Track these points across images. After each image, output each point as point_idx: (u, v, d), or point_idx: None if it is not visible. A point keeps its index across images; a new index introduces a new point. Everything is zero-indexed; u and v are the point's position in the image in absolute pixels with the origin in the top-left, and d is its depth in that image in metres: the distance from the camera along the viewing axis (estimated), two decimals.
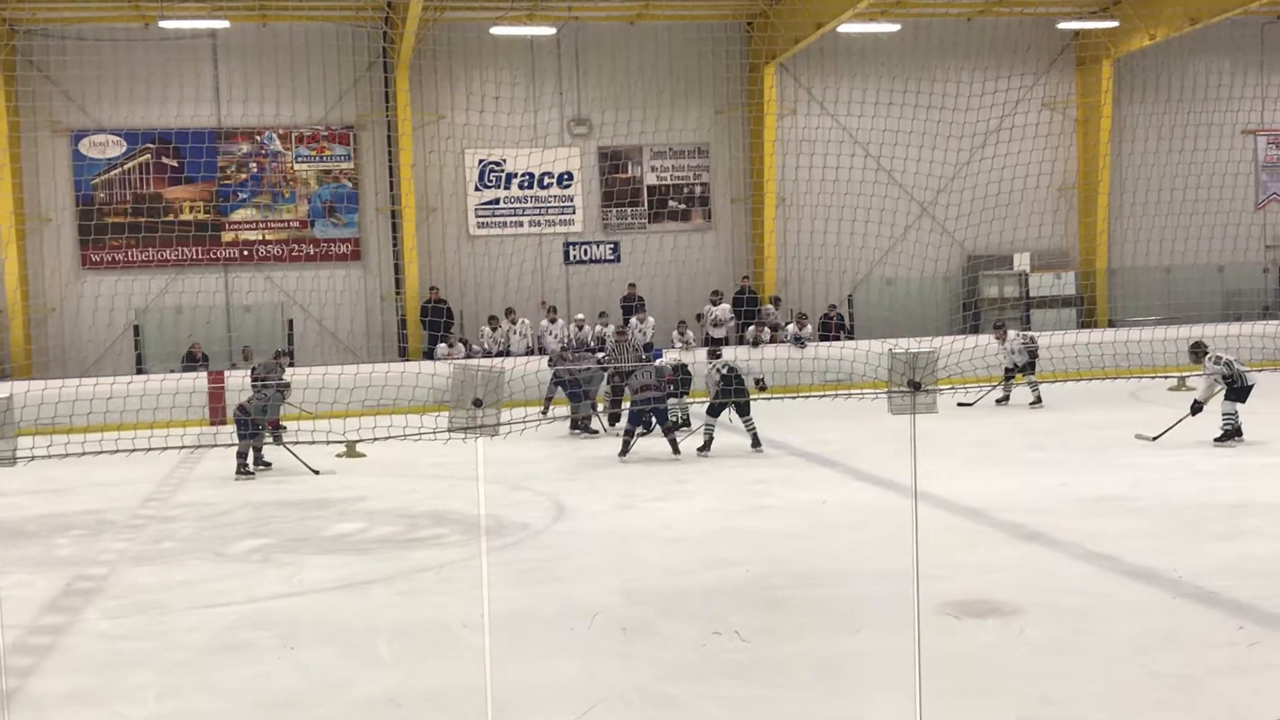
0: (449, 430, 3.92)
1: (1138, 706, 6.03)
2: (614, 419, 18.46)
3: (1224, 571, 8.39)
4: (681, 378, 17.23)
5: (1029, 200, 24.00)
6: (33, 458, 11.66)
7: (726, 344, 23.27)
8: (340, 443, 13.65)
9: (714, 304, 24.12)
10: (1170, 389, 20.22)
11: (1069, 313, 25.98)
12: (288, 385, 16.15)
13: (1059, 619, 7.63)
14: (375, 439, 11.15)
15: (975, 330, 22.92)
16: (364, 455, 15.52)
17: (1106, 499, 11.31)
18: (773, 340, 23.28)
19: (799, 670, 6.82)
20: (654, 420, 16.08)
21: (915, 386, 3.71)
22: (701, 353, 21.82)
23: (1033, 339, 19.32)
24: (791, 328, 23.68)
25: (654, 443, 16.01)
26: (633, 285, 24.63)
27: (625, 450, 15.36)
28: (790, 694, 6.42)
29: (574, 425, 18.28)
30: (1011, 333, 19.75)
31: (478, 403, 3.74)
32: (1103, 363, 19.29)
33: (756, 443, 15.29)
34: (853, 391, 10.48)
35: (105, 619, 8.66)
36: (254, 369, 18.50)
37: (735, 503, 12.07)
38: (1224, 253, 25.69)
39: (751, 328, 23.69)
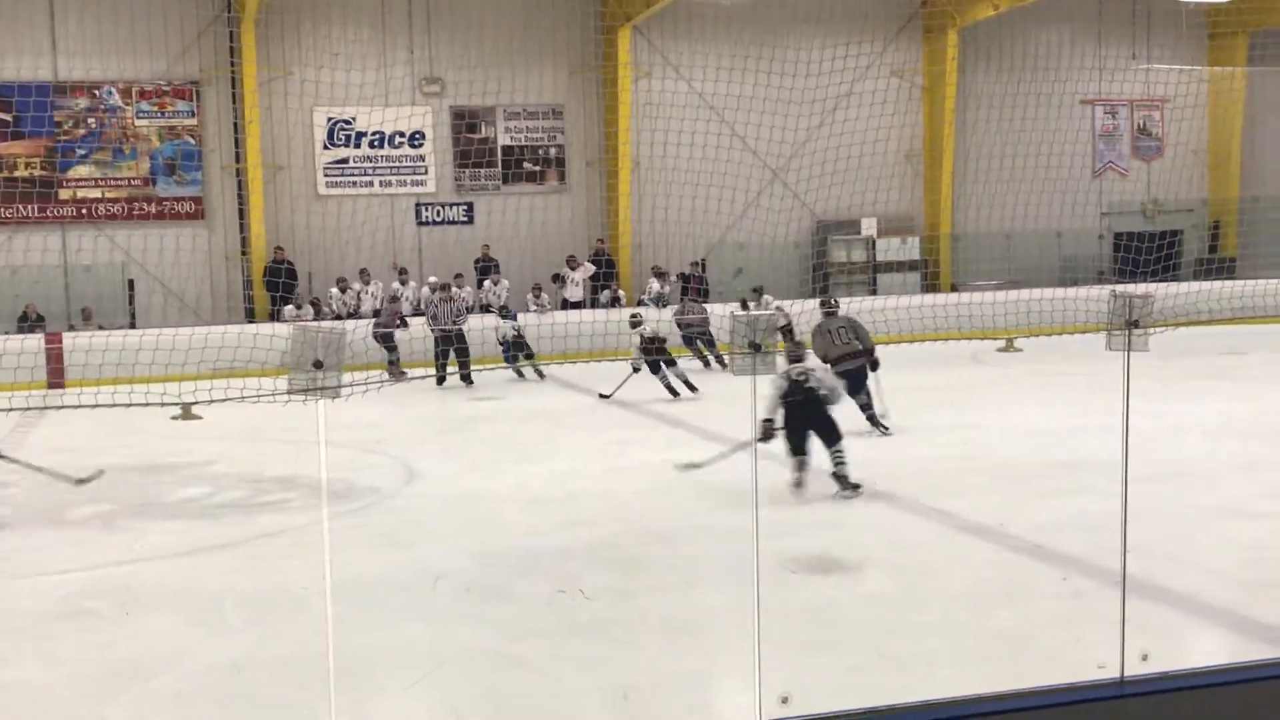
0: (289, 392, 3.90)
1: (971, 659, 6.30)
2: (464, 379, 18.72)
3: (1055, 527, 8.75)
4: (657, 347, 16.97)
5: (876, 166, 24.53)
6: None
7: (582, 306, 23.36)
8: (175, 404, 13.36)
9: (571, 268, 24.16)
10: (999, 349, 20.94)
11: (914, 276, 26.66)
12: None
13: (897, 574, 7.91)
14: (214, 400, 10.93)
15: (824, 293, 23.37)
16: (200, 418, 15.19)
17: (944, 458, 11.69)
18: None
19: (648, 628, 6.95)
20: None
21: (756, 348, 3.82)
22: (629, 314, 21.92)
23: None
24: (654, 284, 23.82)
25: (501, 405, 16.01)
26: (486, 246, 24.51)
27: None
28: (640, 652, 6.54)
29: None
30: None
31: (318, 364, 3.72)
32: (944, 325, 19.96)
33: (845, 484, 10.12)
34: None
35: None
36: None
37: (590, 464, 12.16)
38: (1062, 219, 26.59)
39: (606, 291, 23.81)
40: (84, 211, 23.26)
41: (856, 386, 12.43)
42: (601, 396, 15.78)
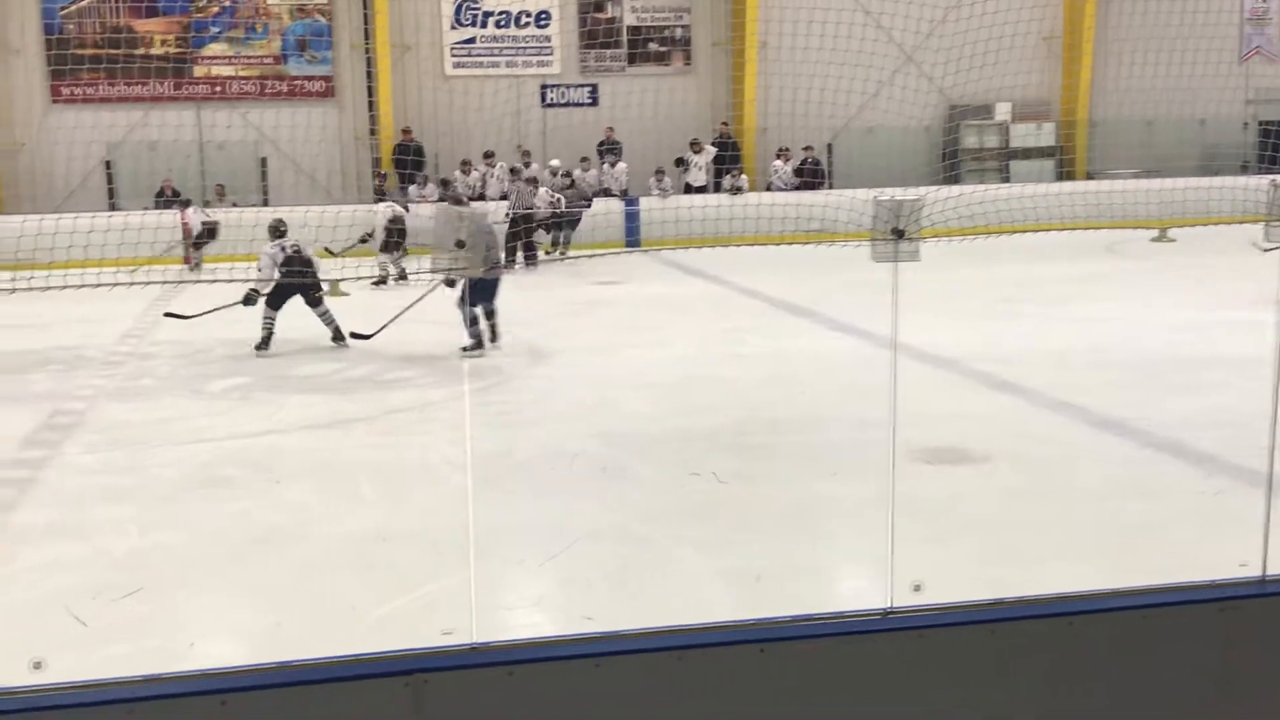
0: (432, 272, 3.91)
1: (1099, 551, 6.20)
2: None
3: (1191, 424, 8.53)
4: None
5: (1013, 49, 23.65)
6: (14, 290, 11.64)
7: (705, 191, 23.17)
8: (326, 281, 13.57)
9: (694, 152, 23.90)
10: (1152, 240, 20.29)
11: (1048, 164, 25.87)
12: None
13: (1026, 467, 7.79)
14: (361, 279, 11.09)
15: (956, 182, 22.83)
16: (347, 294, 15.37)
17: (1076, 351, 11.43)
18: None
19: (770, 514, 6.95)
20: None
21: (899, 234, 3.72)
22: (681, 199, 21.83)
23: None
24: (778, 166, 23.59)
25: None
26: (610, 129, 24.33)
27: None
28: (763, 537, 6.55)
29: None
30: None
31: (460, 245, 3.72)
32: (1079, 214, 19.39)
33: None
34: (834, 241, 10.47)
35: (85, 454, 8.74)
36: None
37: (709, 350, 12.14)
38: (1205, 106, 25.50)
39: (728, 176, 23.54)
40: (217, 89, 23.61)
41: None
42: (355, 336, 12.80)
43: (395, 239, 17.21)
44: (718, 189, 23.51)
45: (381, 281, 16.60)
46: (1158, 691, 3.16)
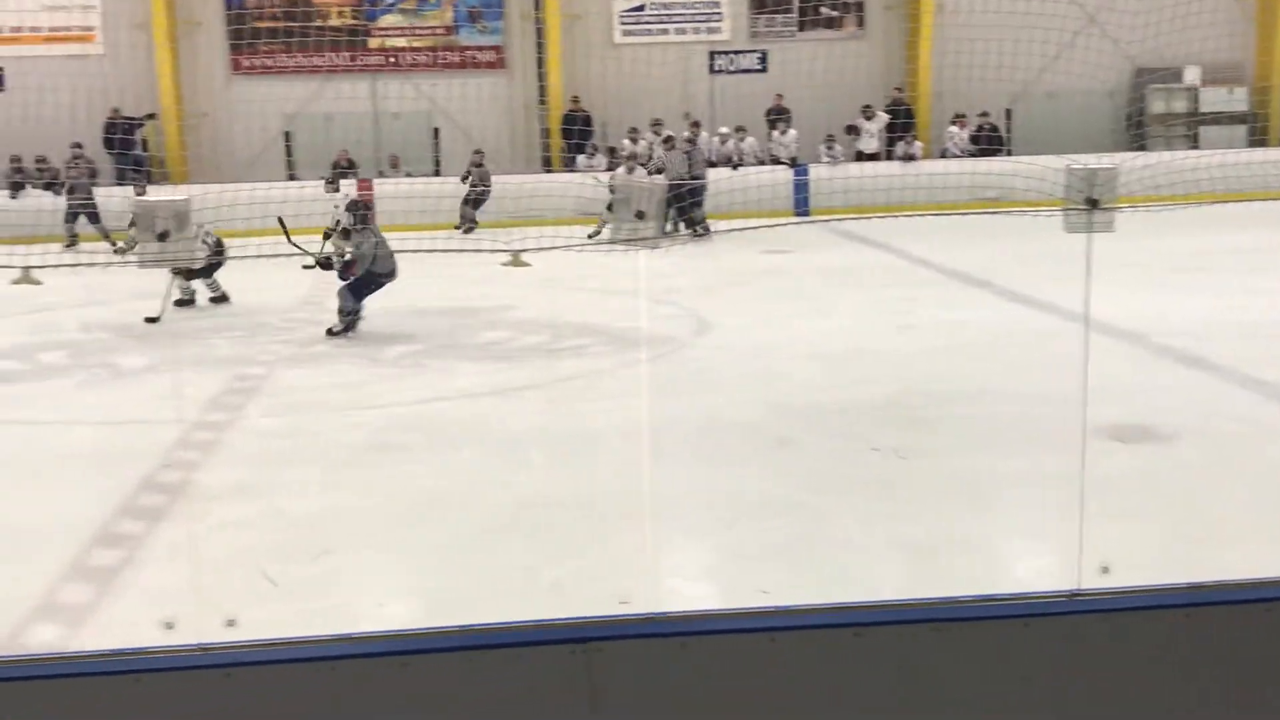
0: (610, 241, 3.93)
1: None
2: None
3: None
4: None
5: (1204, 10, 22.65)
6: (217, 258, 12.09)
7: (877, 158, 22.82)
8: (505, 251, 13.79)
9: (866, 118, 23.53)
10: None
11: (1240, 130, 24.74)
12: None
13: (1216, 445, 7.50)
14: (540, 249, 11.24)
15: (1142, 149, 22.02)
16: (529, 265, 15.51)
17: (1268, 324, 10.94)
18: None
19: (941, 489, 6.83)
20: None
21: (1093, 204, 3.59)
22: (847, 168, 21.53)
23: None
24: (954, 131, 23.01)
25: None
26: (779, 96, 24.10)
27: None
28: (932, 511, 6.45)
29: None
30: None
31: (640, 215, 3.73)
32: (1274, 183, 18.53)
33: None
34: (1012, 210, 10.21)
35: (265, 417, 9.06)
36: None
37: (879, 321, 11.97)
38: None
39: (901, 143, 23.13)
40: (391, 60, 24.13)
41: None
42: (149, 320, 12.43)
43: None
44: (890, 156, 23.13)
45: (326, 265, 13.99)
46: None
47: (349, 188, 18.42)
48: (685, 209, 18.74)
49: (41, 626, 5.28)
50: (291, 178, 22.45)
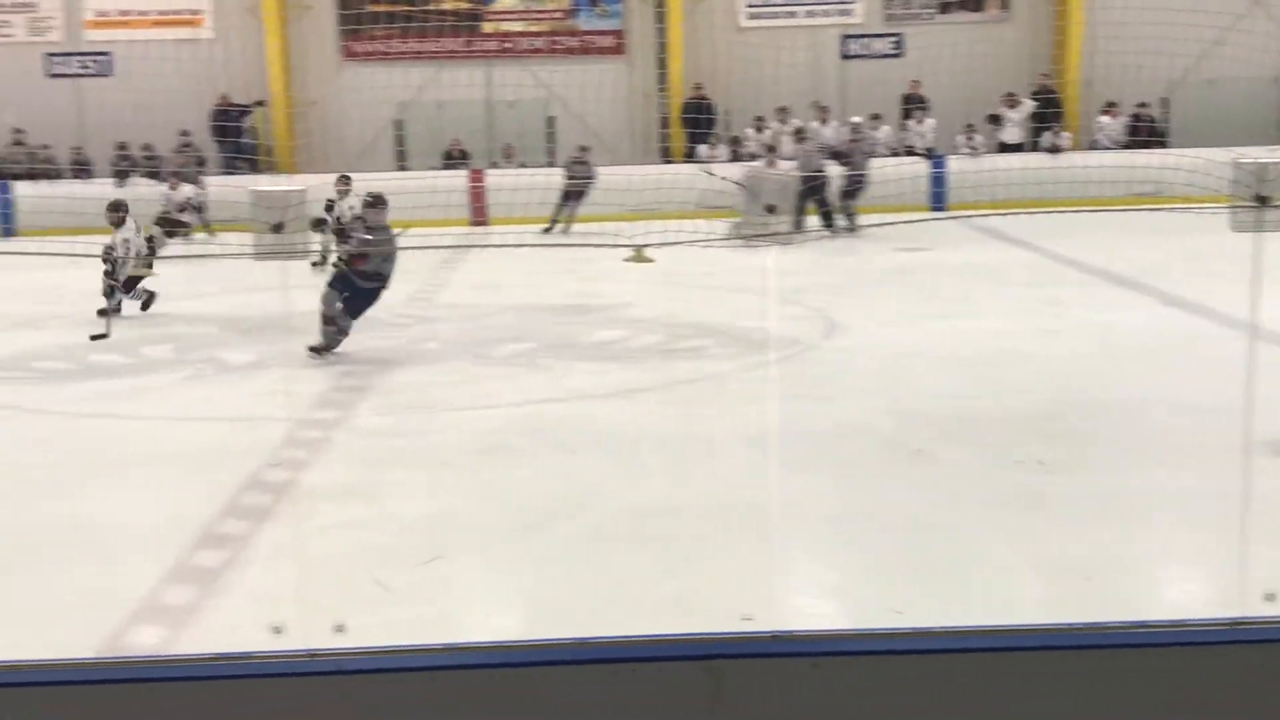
0: (740, 237, 3.92)
1: None
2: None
3: None
4: None
5: None
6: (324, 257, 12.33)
7: (1021, 149, 22.45)
8: (627, 246, 13.84)
9: (1009, 106, 23.16)
10: None
11: None
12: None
13: None
14: (664, 244, 11.24)
15: None
16: (652, 261, 15.50)
17: None
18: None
19: (1092, 505, 6.69)
20: None
21: (1262, 201, 3.49)
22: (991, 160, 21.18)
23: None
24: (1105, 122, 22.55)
25: None
26: (916, 82, 23.81)
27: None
28: (1082, 529, 6.32)
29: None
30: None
31: (770, 209, 3.70)
32: None
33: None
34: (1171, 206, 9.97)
35: (373, 416, 9.22)
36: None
37: (1021, 324, 11.77)
38: None
39: (1047, 133, 22.72)
40: (507, 46, 24.36)
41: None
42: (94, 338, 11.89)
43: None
44: (1035, 147, 22.72)
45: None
46: None
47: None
48: (838, 201, 18.76)
49: (143, 628, 5.43)
50: (401, 168, 22.81)
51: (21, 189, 20.95)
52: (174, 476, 7.70)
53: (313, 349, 10.67)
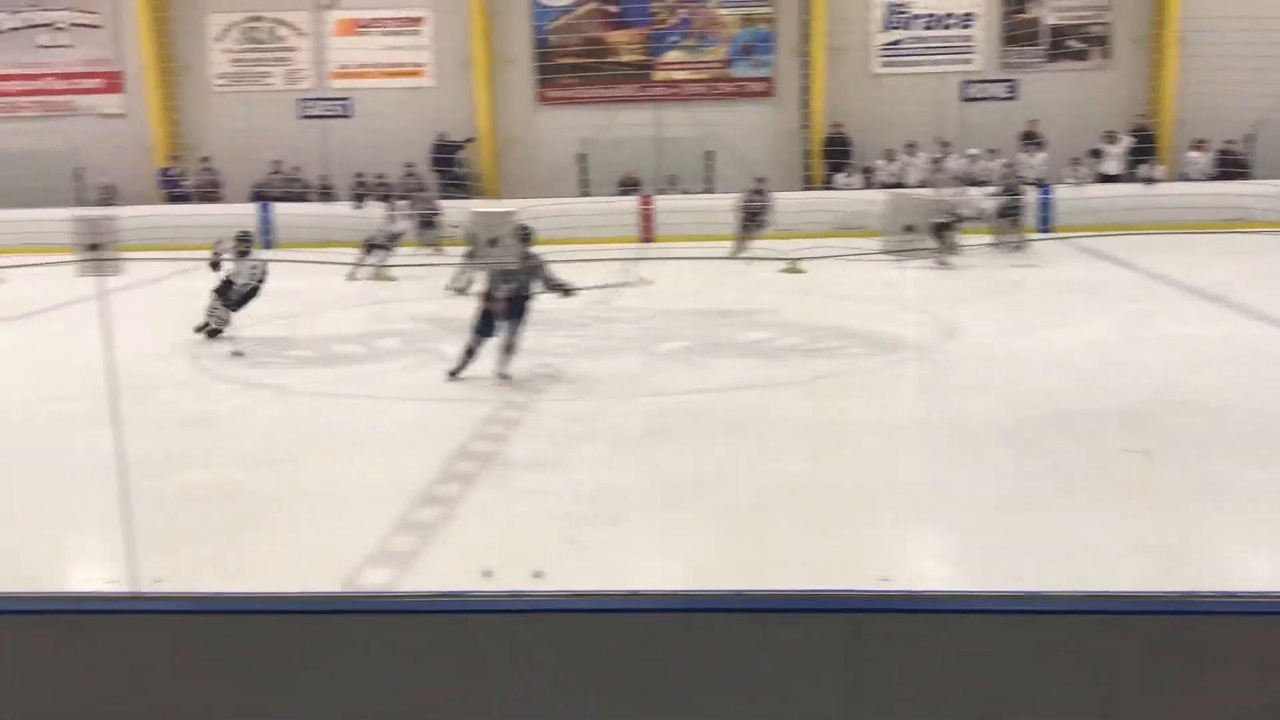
0: (885, 252, 3.88)
1: None
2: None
3: None
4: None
5: None
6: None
7: (1119, 180, 21.69)
8: (783, 259, 13.78)
9: (1109, 142, 22.39)
10: None
11: None
12: None
13: None
14: (818, 258, 11.15)
15: None
16: (804, 272, 15.39)
17: None
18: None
19: (1185, 494, 6.45)
20: None
21: None
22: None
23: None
24: (1194, 157, 21.60)
25: None
26: (1034, 121, 23.14)
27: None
28: (1174, 515, 6.09)
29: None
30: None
31: (909, 229, 3.66)
32: None
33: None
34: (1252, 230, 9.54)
35: (560, 401, 9.34)
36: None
37: (1120, 334, 11.38)
38: None
39: (1143, 166, 21.90)
40: (673, 91, 24.43)
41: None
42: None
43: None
44: (1132, 179, 21.92)
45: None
46: None
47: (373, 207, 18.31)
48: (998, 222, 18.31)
49: (375, 571, 5.60)
50: (584, 194, 23.05)
51: (280, 209, 21.81)
52: (399, 446, 7.92)
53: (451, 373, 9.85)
